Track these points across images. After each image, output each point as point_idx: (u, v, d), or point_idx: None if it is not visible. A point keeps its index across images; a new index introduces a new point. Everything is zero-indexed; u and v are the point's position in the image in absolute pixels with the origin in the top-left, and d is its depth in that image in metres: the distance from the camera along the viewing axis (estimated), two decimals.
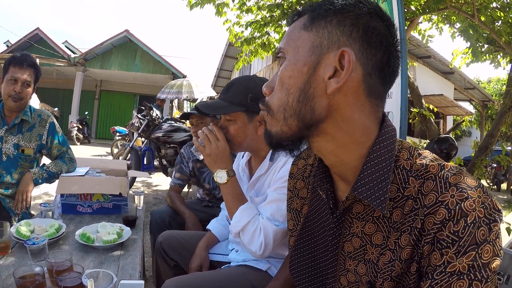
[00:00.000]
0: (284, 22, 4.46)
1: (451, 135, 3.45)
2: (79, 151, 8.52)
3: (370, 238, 0.58)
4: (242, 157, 1.37)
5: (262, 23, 4.45)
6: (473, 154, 3.64)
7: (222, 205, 1.56)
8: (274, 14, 4.30)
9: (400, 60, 0.58)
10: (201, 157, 2.04)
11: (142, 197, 1.97)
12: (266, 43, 4.68)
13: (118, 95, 14.63)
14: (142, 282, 1.03)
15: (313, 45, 0.55)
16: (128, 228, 1.45)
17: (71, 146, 2.03)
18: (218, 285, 1.08)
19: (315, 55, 0.54)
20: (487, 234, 0.47)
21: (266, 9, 4.35)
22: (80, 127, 10.99)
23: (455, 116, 9.64)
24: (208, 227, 1.44)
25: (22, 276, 0.89)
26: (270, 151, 1.19)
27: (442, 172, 0.53)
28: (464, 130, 13.96)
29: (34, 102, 9.88)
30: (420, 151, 0.58)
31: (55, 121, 1.94)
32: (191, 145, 2.13)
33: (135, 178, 4.60)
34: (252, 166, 1.30)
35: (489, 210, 0.48)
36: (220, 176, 1.10)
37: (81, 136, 10.95)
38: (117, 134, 7.99)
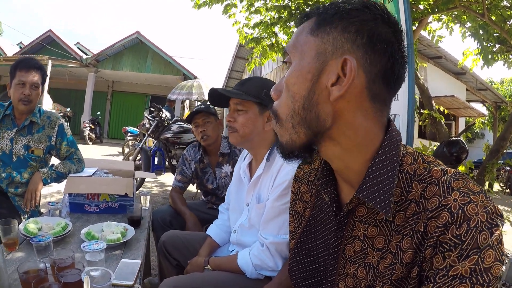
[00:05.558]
0: (292, 23, 4.46)
1: (461, 138, 3.38)
2: (91, 150, 8.67)
3: (372, 241, 0.59)
4: (244, 159, 1.38)
5: (270, 23, 4.46)
6: (484, 158, 3.56)
7: (221, 207, 1.58)
8: (282, 15, 4.30)
9: (407, 65, 0.58)
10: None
11: (148, 197, 2.00)
12: (275, 44, 4.68)
13: (130, 96, 14.86)
14: (139, 261, 1.15)
15: (318, 52, 0.55)
16: (132, 228, 1.47)
17: (83, 146, 2.08)
18: (215, 286, 1.09)
19: (320, 62, 0.55)
20: (489, 238, 0.48)
21: (274, 10, 4.35)
22: (92, 127, 11.17)
23: (467, 118, 9.42)
24: (208, 232, 1.45)
25: (25, 271, 0.92)
26: (268, 152, 1.21)
27: (445, 177, 0.53)
28: (477, 132, 13.64)
29: (47, 102, 10.11)
30: (424, 157, 0.58)
31: (64, 122, 1.99)
32: (195, 146, 2.14)
33: (144, 178, 4.67)
34: (252, 168, 1.31)
35: (491, 214, 0.49)
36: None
37: (93, 136, 11.13)
38: (129, 134, 8.09)
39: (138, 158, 4.79)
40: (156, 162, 5.80)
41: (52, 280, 0.90)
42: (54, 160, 2.01)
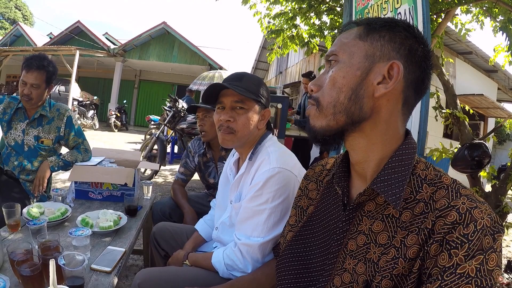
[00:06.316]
0: (313, 14, 4.39)
1: (486, 141, 3.16)
2: (115, 138, 9.01)
3: (376, 236, 0.62)
4: (233, 156, 1.38)
5: (291, 15, 4.40)
6: (509, 164, 3.32)
7: (212, 203, 1.61)
8: (303, 6, 4.23)
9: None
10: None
11: (150, 187, 2.07)
12: (295, 35, 4.63)
13: (156, 85, 15.22)
14: (123, 250, 1.22)
15: (367, 54, 0.63)
16: (126, 217, 1.54)
17: (109, 133, 2.19)
18: (185, 282, 1.10)
19: (368, 62, 0.63)
20: (492, 243, 0.51)
21: (294, 1, 4.29)
22: (118, 115, 11.54)
23: (498, 118, 8.87)
24: (196, 226, 1.47)
25: (13, 251, 1.00)
26: (251, 151, 1.20)
27: (454, 184, 0.59)
28: (508, 133, 12.85)
29: (75, 90, 10.53)
30: (435, 167, 0.64)
31: (72, 114, 2.11)
32: (199, 139, 2.16)
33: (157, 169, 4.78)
34: (239, 166, 1.31)
35: (494, 222, 0.53)
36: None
37: (119, 123, 11.52)
38: (152, 122, 8.32)
39: (155, 147, 4.92)
40: (175, 151, 5.96)
41: (37, 261, 0.97)
42: (64, 150, 2.13)
